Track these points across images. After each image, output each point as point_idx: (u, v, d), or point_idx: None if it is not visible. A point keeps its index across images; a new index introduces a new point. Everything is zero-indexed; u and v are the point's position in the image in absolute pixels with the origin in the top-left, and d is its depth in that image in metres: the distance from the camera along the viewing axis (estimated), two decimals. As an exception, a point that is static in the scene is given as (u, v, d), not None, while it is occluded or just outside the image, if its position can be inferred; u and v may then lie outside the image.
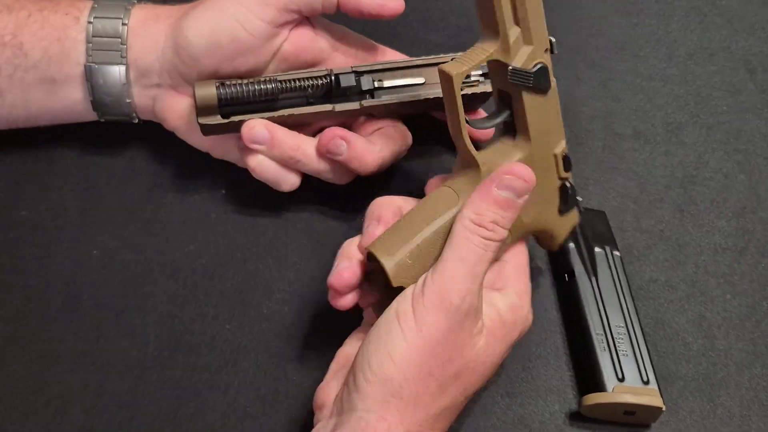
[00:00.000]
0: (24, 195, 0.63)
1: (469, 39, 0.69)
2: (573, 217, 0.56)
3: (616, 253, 0.61)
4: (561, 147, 0.54)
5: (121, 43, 0.58)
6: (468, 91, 0.59)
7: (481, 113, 0.63)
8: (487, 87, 0.59)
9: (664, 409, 0.54)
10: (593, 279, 0.59)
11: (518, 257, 0.53)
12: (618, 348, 0.57)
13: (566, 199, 0.54)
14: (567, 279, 0.60)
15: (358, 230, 0.56)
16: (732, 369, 0.59)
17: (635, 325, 0.58)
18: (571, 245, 0.61)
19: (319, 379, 0.57)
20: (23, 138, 0.63)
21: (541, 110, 0.52)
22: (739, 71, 0.70)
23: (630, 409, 0.55)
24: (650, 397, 0.55)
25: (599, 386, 0.55)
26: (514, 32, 0.50)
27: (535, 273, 0.62)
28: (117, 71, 0.58)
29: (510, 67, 0.50)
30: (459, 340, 0.46)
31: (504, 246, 0.51)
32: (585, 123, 0.68)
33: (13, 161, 0.64)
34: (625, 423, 0.56)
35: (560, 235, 0.56)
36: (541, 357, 0.59)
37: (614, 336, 0.57)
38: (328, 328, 0.59)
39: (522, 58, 0.50)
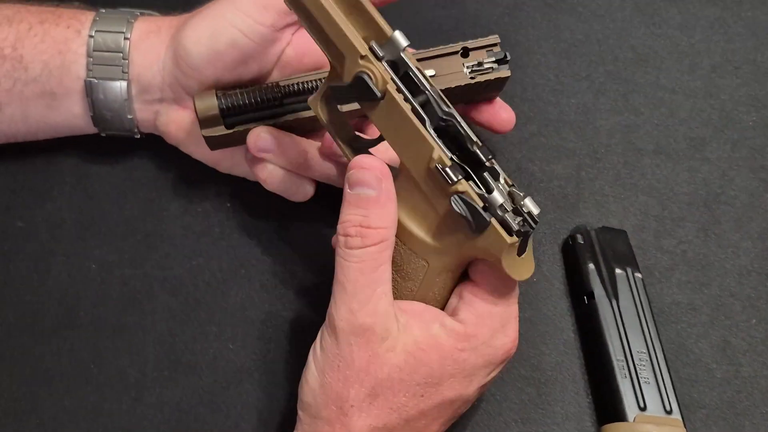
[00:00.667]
0: (20, 205, 0.61)
1: (482, 20, 0.68)
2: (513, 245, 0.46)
3: (638, 274, 0.59)
4: (435, 157, 0.45)
5: (123, 58, 0.56)
6: (482, 78, 0.56)
7: (498, 102, 0.59)
8: (501, 73, 0.56)
9: (688, 440, 0.52)
10: (614, 301, 0.57)
11: (485, 281, 0.48)
12: (640, 375, 0.55)
13: (474, 216, 0.45)
14: (586, 301, 0.58)
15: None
16: (757, 398, 0.57)
17: (657, 350, 0.56)
18: (591, 266, 0.59)
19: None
20: (20, 146, 0.61)
21: (389, 121, 0.46)
22: (765, 85, 0.68)
23: (652, 440, 0.53)
24: (673, 427, 0.53)
25: (620, 416, 0.54)
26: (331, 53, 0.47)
27: (552, 294, 0.60)
28: (118, 87, 0.56)
29: (327, 87, 0.48)
30: (359, 360, 0.45)
31: (434, 271, 0.48)
32: (604, 138, 0.66)
33: (10, 170, 0.62)
34: (647, 454, 0.54)
35: (508, 265, 0.46)
36: (557, 381, 0.57)
37: (636, 362, 0.55)
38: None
39: (348, 75, 0.46)
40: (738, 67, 0.69)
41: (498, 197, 0.44)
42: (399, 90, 0.45)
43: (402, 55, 0.46)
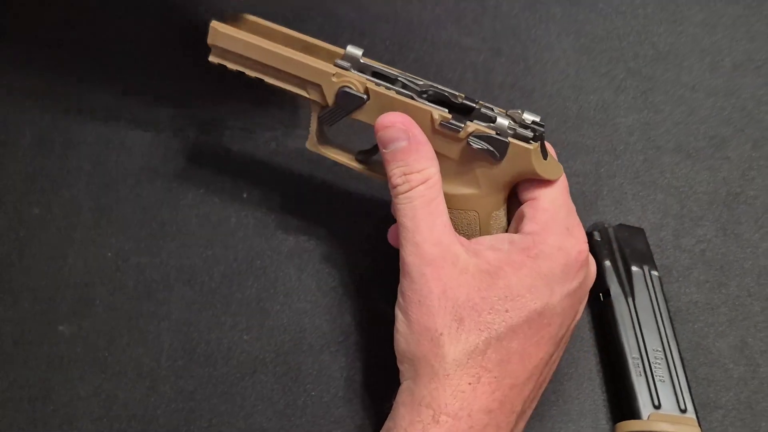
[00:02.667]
0: (36, 192, 0.61)
1: (503, 43, 0.68)
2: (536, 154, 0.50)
3: (655, 272, 0.58)
4: (436, 117, 0.49)
5: None
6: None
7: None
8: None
9: (702, 440, 0.52)
10: (630, 299, 0.57)
11: (536, 196, 0.51)
12: (655, 373, 0.55)
13: (494, 144, 0.49)
14: (602, 298, 0.58)
15: (384, 240, 0.54)
16: (775, 399, 0.57)
17: (673, 349, 0.56)
18: (607, 263, 0.58)
19: (339, 395, 0.55)
20: (37, 131, 0.61)
21: (382, 113, 0.50)
22: (787, 84, 0.68)
23: (667, 439, 0.52)
24: (688, 426, 0.53)
25: (634, 413, 0.53)
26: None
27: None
28: None
29: (316, 122, 0.53)
30: (436, 288, 0.47)
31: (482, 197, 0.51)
32: (624, 135, 0.65)
33: (26, 155, 0.61)
34: (662, 453, 0.54)
35: (542, 170, 0.50)
36: (573, 379, 0.57)
37: (651, 360, 0.55)
38: (350, 341, 0.57)
39: (330, 96, 0.51)
40: (760, 66, 0.68)
41: (503, 121, 0.49)
42: (378, 84, 0.50)
43: (363, 61, 0.51)
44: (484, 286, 0.47)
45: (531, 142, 0.49)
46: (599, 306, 0.58)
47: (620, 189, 0.63)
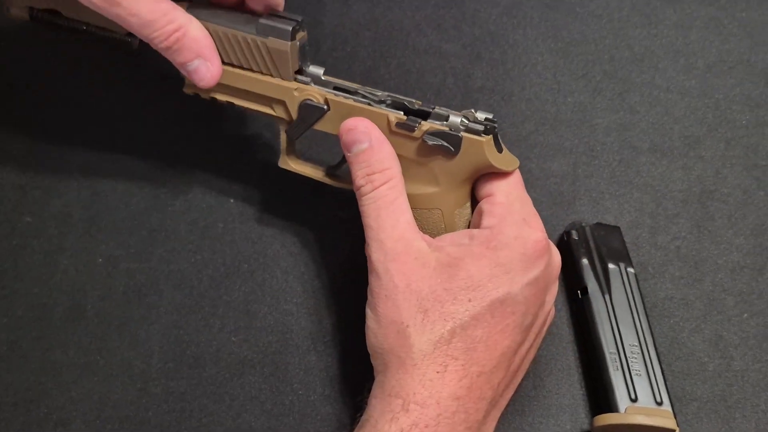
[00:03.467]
0: (28, 201, 0.62)
1: (482, 48, 0.69)
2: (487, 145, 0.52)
3: (631, 269, 0.59)
4: (392, 119, 0.52)
5: None
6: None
7: None
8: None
9: (677, 431, 0.53)
10: (607, 296, 0.58)
11: (492, 191, 0.53)
12: (631, 367, 0.56)
13: (447, 139, 0.51)
14: (580, 296, 0.59)
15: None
16: (749, 391, 0.58)
17: (649, 344, 0.57)
18: (585, 261, 0.60)
19: (326, 393, 0.57)
20: (28, 143, 0.63)
21: (342, 121, 0.53)
22: (759, 84, 0.69)
23: (643, 431, 0.54)
24: (664, 418, 0.54)
25: (611, 407, 0.54)
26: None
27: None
28: None
29: (284, 139, 0.56)
30: (400, 282, 0.49)
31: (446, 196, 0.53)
32: (601, 136, 0.67)
33: (18, 167, 0.63)
34: (638, 445, 0.55)
35: (496, 161, 0.52)
36: (552, 374, 0.58)
37: (627, 355, 0.56)
38: (335, 341, 0.58)
39: (294, 111, 0.55)
40: (732, 66, 0.70)
41: (455, 118, 0.51)
42: (337, 95, 0.53)
43: (324, 78, 0.54)
44: (447, 278, 0.48)
45: (483, 135, 0.51)
46: (577, 303, 0.59)
47: (597, 189, 0.65)
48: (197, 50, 0.52)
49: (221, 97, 0.55)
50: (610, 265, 0.59)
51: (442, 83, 0.68)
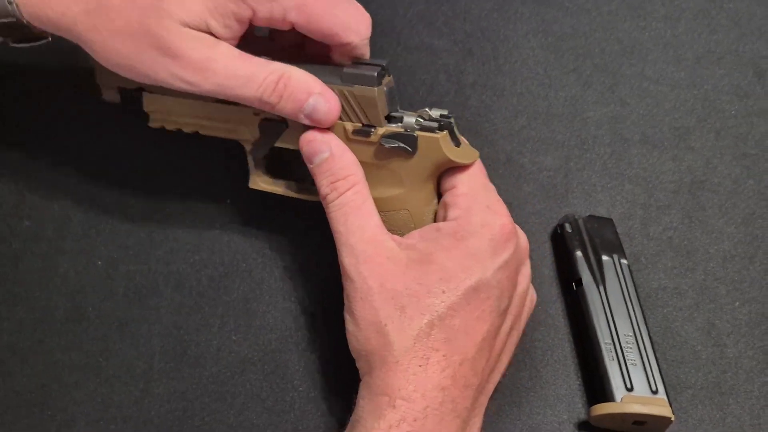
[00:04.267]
0: (27, 205, 0.63)
1: (474, 44, 0.70)
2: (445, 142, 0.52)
3: (624, 261, 0.60)
4: (349, 128, 0.52)
5: None
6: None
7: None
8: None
9: (673, 419, 0.54)
10: (601, 287, 0.59)
11: (455, 184, 0.53)
12: (626, 357, 0.56)
13: (404, 140, 0.52)
14: (574, 287, 0.60)
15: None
16: (742, 377, 0.59)
17: (644, 333, 0.58)
18: (579, 253, 0.60)
19: (327, 389, 0.57)
20: (27, 147, 0.63)
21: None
22: (747, 75, 0.70)
23: (639, 420, 0.55)
24: (659, 407, 0.54)
25: (608, 396, 0.55)
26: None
27: (542, 281, 0.62)
28: None
29: (251, 158, 0.57)
30: (374, 283, 0.49)
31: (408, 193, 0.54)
32: (592, 128, 0.67)
33: (17, 171, 0.63)
34: (635, 433, 0.56)
35: (454, 155, 0.52)
36: (549, 365, 0.59)
37: (623, 345, 0.57)
38: (334, 338, 0.59)
39: (255, 131, 0.55)
40: (721, 57, 0.70)
41: (409, 118, 0.52)
42: None
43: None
44: (420, 274, 0.49)
45: (437, 131, 0.51)
46: (572, 295, 0.60)
47: (589, 181, 0.65)
48: (307, 89, 0.51)
49: (187, 129, 0.56)
50: (604, 257, 0.60)
51: (435, 80, 0.69)
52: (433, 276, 0.49)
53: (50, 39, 0.53)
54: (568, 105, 0.68)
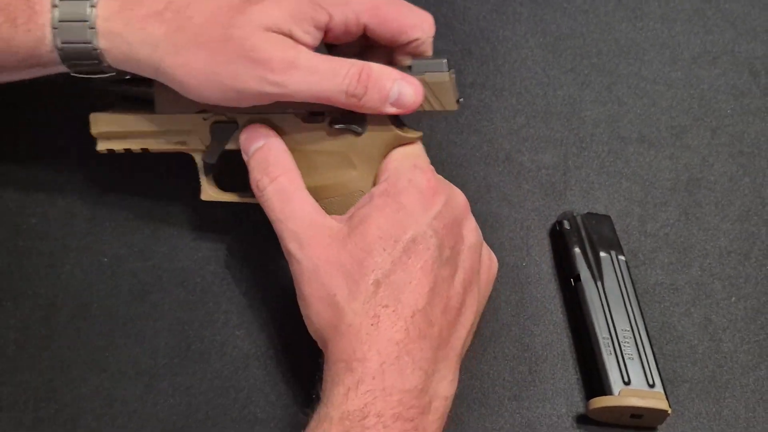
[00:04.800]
0: (32, 202, 0.63)
1: (473, 44, 0.71)
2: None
3: (622, 257, 0.61)
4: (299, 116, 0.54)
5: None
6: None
7: None
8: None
9: (670, 412, 0.55)
10: (599, 283, 0.60)
11: (386, 160, 0.54)
12: (624, 351, 0.57)
13: (354, 122, 0.54)
14: (573, 283, 0.60)
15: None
16: (738, 371, 0.60)
17: (641, 328, 0.58)
18: (577, 250, 0.61)
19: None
20: (32, 145, 0.64)
21: None
22: (743, 74, 0.71)
23: (636, 413, 0.55)
24: (656, 400, 0.55)
25: (605, 390, 0.56)
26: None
27: (541, 277, 0.63)
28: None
29: (202, 165, 0.57)
30: (320, 261, 0.50)
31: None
32: (590, 127, 0.68)
33: (22, 169, 0.64)
34: (632, 426, 0.57)
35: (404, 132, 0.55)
36: (547, 360, 0.60)
37: (620, 340, 0.57)
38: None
39: (206, 137, 0.56)
40: (717, 57, 0.71)
41: None
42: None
43: None
44: (360, 239, 0.50)
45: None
46: (570, 291, 0.61)
47: (587, 179, 0.66)
48: (390, 75, 0.52)
49: (135, 148, 0.57)
50: (602, 254, 0.61)
51: (434, 79, 0.69)
52: (372, 237, 0.50)
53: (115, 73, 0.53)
54: (566, 104, 0.69)
